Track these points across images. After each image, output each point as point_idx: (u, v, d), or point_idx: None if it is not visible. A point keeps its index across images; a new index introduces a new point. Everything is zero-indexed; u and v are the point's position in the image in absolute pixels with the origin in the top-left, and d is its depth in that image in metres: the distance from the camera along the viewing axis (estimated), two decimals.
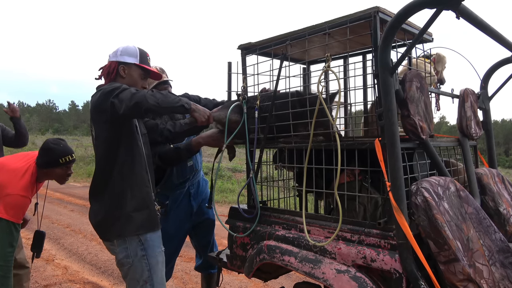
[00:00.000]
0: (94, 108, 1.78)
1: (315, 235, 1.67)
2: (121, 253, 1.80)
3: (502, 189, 2.04)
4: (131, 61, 1.90)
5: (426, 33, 1.83)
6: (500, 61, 2.13)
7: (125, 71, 1.90)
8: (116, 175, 1.79)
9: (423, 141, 1.60)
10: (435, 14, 1.24)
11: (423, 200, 1.40)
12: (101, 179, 1.83)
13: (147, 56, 1.97)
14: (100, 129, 1.79)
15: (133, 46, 1.95)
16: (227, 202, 7.44)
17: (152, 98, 1.67)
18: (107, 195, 1.80)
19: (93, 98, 1.81)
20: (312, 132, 1.66)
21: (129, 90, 1.69)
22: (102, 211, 1.82)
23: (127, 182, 1.80)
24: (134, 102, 1.65)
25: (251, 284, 3.51)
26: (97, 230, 1.87)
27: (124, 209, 1.79)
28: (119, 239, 1.79)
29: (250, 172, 1.93)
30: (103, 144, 1.80)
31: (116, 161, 1.79)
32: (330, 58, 1.61)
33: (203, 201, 2.57)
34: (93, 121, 1.82)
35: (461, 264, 1.33)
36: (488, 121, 2.24)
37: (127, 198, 1.80)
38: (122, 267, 1.83)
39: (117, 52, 1.91)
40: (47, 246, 4.74)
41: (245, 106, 1.95)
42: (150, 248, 1.82)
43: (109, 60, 1.92)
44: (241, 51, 2.04)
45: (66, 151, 2.32)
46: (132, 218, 1.79)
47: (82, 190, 9.36)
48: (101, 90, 1.76)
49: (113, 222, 1.79)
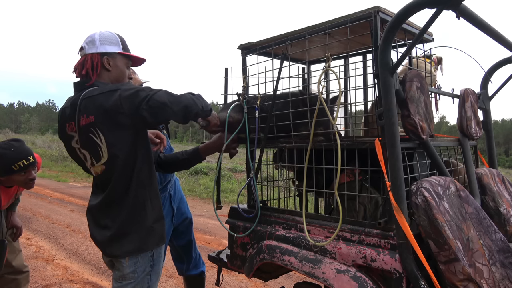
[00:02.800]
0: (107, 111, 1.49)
1: (315, 235, 1.67)
2: (128, 268, 1.58)
3: (502, 189, 2.04)
4: (115, 50, 1.65)
5: (427, 33, 1.83)
6: (500, 61, 2.13)
7: (110, 63, 1.64)
8: (136, 185, 1.58)
9: (423, 141, 1.60)
10: (436, 14, 1.24)
11: (423, 200, 1.40)
12: (119, 189, 1.57)
13: (125, 41, 1.73)
14: (115, 134, 1.52)
15: (108, 31, 1.68)
16: (227, 202, 7.44)
17: (198, 100, 1.53)
18: (125, 206, 1.57)
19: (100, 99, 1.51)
20: (312, 132, 1.66)
21: (162, 92, 1.50)
22: (115, 224, 1.58)
23: (148, 191, 1.61)
24: (183, 105, 1.49)
25: (251, 284, 3.51)
26: (106, 247, 1.60)
27: (146, 221, 1.59)
28: (137, 254, 1.58)
29: (251, 172, 1.93)
30: (122, 150, 1.53)
31: (135, 168, 1.57)
32: (331, 58, 1.61)
33: (180, 201, 2.49)
34: (103, 125, 1.51)
35: (461, 264, 1.33)
36: (488, 121, 2.24)
37: (148, 209, 1.60)
38: (122, 281, 1.60)
39: (95, 42, 1.63)
40: (47, 246, 4.74)
41: (245, 106, 1.96)
42: (157, 263, 1.66)
43: (88, 53, 1.62)
44: (241, 51, 2.04)
45: (19, 155, 2.03)
46: (154, 231, 1.62)
47: (82, 190, 9.36)
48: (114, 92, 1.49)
49: (130, 237, 1.57)
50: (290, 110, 1.80)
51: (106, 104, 1.48)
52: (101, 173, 1.58)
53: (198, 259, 2.62)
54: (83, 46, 1.65)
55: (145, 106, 1.45)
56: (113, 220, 1.58)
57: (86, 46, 1.64)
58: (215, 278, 2.75)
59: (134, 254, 1.58)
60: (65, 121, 1.61)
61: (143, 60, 1.79)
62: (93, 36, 1.65)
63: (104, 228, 1.61)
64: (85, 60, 1.62)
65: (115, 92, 1.49)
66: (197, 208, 7.14)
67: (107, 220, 1.60)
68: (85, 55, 1.63)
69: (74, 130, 1.57)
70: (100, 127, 1.51)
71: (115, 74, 1.67)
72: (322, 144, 1.68)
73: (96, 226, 1.64)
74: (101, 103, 1.49)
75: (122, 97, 1.47)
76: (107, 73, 1.65)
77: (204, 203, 7.81)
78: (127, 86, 1.53)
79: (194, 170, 11.18)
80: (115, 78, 1.68)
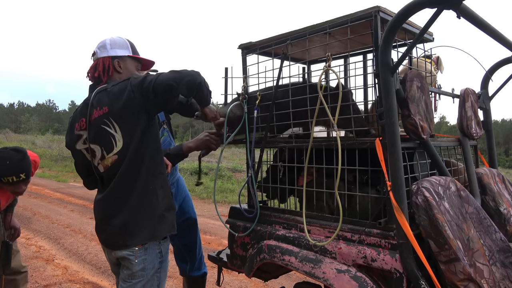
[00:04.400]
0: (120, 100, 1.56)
1: (315, 234, 1.67)
2: (138, 265, 1.58)
3: (503, 189, 2.04)
4: (125, 54, 1.76)
5: (427, 33, 1.83)
6: (501, 61, 2.13)
7: (121, 65, 1.75)
8: (147, 172, 1.61)
9: (423, 141, 1.60)
10: (436, 14, 1.24)
11: (423, 199, 1.40)
12: (129, 178, 1.60)
13: (135, 46, 1.83)
14: (128, 122, 1.57)
15: (118, 37, 1.79)
16: (227, 202, 7.44)
17: (198, 75, 1.58)
18: (137, 194, 1.59)
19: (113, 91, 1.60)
20: (312, 132, 1.66)
21: (167, 72, 1.56)
22: (124, 213, 1.59)
23: (159, 179, 1.65)
24: (186, 80, 1.53)
25: (251, 284, 3.51)
26: (116, 238, 1.61)
27: (157, 209, 1.62)
28: (146, 243, 1.59)
29: (250, 172, 1.93)
30: (135, 138, 1.57)
31: (146, 157, 1.61)
32: (331, 57, 1.61)
33: (184, 200, 2.49)
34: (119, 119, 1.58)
35: (461, 264, 1.33)
36: (489, 121, 2.24)
37: (160, 197, 1.63)
38: (132, 280, 1.59)
39: (106, 47, 1.74)
40: (47, 246, 4.74)
41: (245, 106, 1.96)
42: (165, 259, 1.68)
43: (99, 57, 1.74)
44: (241, 50, 2.04)
45: (11, 171, 2.03)
46: (165, 218, 1.64)
47: (82, 190, 9.35)
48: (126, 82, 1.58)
49: (142, 224, 1.59)
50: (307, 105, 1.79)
51: (119, 94, 1.58)
52: (111, 165, 1.61)
53: (201, 261, 2.59)
54: (95, 51, 1.76)
55: (152, 88, 1.52)
56: (124, 209, 1.60)
57: (98, 51, 1.75)
58: (215, 278, 2.75)
59: (147, 241, 1.60)
60: (75, 121, 1.69)
61: (152, 63, 1.90)
62: (104, 42, 1.75)
63: (114, 218, 1.61)
64: (97, 63, 1.73)
65: (126, 82, 1.59)
66: (197, 208, 7.08)
67: (117, 209, 1.61)
68: (97, 59, 1.74)
69: (84, 127, 1.64)
70: (114, 117, 1.58)
71: (125, 76, 1.74)
72: (322, 144, 1.68)
73: (105, 218, 1.65)
74: (114, 93, 1.59)
75: (133, 85, 1.56)
76: (118, 75, 1.75)
77: (204, 203, 7.81)
78: (136, 75, 1.63)
79: (194, 170, 11.19)
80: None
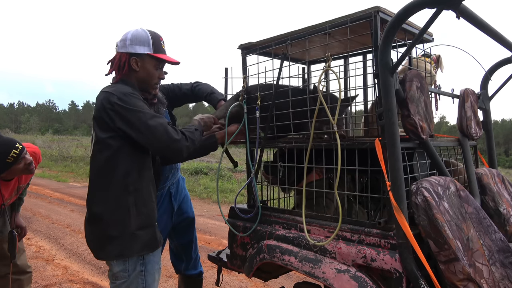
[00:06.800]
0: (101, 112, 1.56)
1: (315, 234, 1.67)
2: (118, 266, 1.58)
3: (502, 189, 2.04)
4: (144, 51, 1.65)
5: (426, 33, 1.83)
6: (500, 61, 2.13)
7: (138, 64, 1.66)
8: (119, 186, 1.55)
9: (423, 141, 1.60)
10: (435, 14, 1.24)
11: (423, 199, 1.40)
12: (101, 189, 1.58)
13: (160, 41, 1.71)
14: (100, 135, 1.57)
15: (143, 30, 1.68)
16: (227, 202, 7.44)
17: (192, 137, 1.65)
18: (107, 210, 1.56)
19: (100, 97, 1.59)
20: (312, 132, 1.66)
21: (166, 129, 1.55)
22: (98, 228, 1.58)
23: (133, 196, 1.58)
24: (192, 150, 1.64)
25: (251, 284, 3.51)
26: (92, 248, 1.64)
27: (127, 228, 1.56)
28: (118, 259, 1.58)
29: (251, 172, 1.94)
30: (105, 149, 1.56)
31: (118, 169, 1.55)
32: (331, 58, 1.61)
33: (183, 200, 2.49)
34: (96, 123, 1.60)
35: (461, 264, 1.34)
36: (488, 121, 2.24)
37: (132, 215, 1.57)
38: (115, 281, 1.60)
39: (126, 41, 1.65)
40: (47, 246, 4.75)
41: (245, 106, 1.96)
42: (150, 264, 1.64)
43: (118, 51, 1.68)
44: (241, 51, 2.04)
45: (7, 148, 2.03)
46: (136, 237, 1.57)
47: (82, 190, 9.36)
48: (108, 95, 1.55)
49: (111, 241, 1.55)
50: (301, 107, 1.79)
51: (100, 103, 1.56)
52: (90, 164, 1.65)
53: (197, 260, 2.61)
54: (117, 43, 1.70)
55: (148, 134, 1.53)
56: (96, 222, 1.60)
57: (118, 44, 1.69)
58: (215, 278, 2.75)
59: (114, 259, 1.58)
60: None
61: (176, 63, 1.77)
62: (126, 35, 1.68)
63: (88, 230, 1.65)
64: (115, 58, 1.69)
65: (110, 96, 1.54)
66: (197, 208, 7.13)
67: (91, 220, 1.63)
68: (116, 53, 1.69)
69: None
70: (94, 122, 1.60)
71: (142, 75, 1.69)
72: (322, 144, 1.68)
73: (86, 225, 1.67)
74: (100, 100, 1.57)
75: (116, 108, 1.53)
76: (134, 73, 1.69)
77: (204, 203, 7.81)
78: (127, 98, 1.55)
79: (194, 170, 11.20)
80: (142, 79, 1.71)
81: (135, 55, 1.66)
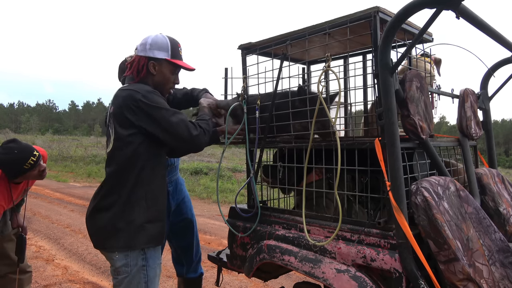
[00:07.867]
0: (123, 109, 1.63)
1: (315, 234, 1.67)
2: (119, 261, 1.64)
3: (502, 189, 2.05)
4: (162, 57, 1.74)
5: (426, 33, 1.83)
6: (500, 61, 2.13)
7: (156, 68, 1.75)
8: (135, 180, 1.64)
9: (423, 141, 1.60)
10: (435, 14, 1.24)
11: (423, 199, 1.40)
12: (116, 183, 1.65)
13: (178, 47, 1.80)
14: (120, 131, 1.64)
15: (162, 36, 1.77)
16: (227, 202, 7.44)
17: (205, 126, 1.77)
18: (119, 201, 1.63)
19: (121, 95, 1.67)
20: (312, 132, 1.66)
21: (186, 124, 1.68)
22: (106, 217, 1.64)
23: (145, 190, 1.66)
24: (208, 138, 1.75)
25: (251, 284, 3.51)
26: (95, 238, 1.70)
27: (136, 220, 1.63)
28: (123, 251, 1.63)
29: (251, 172, 1.94)
30: (126, 146, 1.63)
31: (136, 165, 1.64)
32: (330, 58, 1.61)
33: (182, 201, 2.48)
34: (116, 120, 1.66)
35: (461, 264, 1.34)
36: (488, 121, 2.24)
37: (142, 208, 1.64)
38: (117, 276, 1.65)
39: (146, 46, 1.74)
40: (47, 246, 4.75)
41: (245, 106, 1.96)
42: (152, 259, 1.69)
43: (138, 54, 1.76)
44: (241, 51, 2.04)
45: (25, 155, 2.11)
46: (144, 230, 1.64)
47: (82, 190, 9.36)
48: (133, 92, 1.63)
49: (117, 232, 1.62)
50: (289, 109, 1.80)
51: (123, 100, 1.64)
52: (106, 161, 1.73)
53: (198, 263, 2.59)
54: (137, 47, 1.79)
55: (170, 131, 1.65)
56: (105, 212, 1.66)
57: (138, 48, 1.78)
58: (215, 278, 2.75)
59: (121, 250, 1.63)
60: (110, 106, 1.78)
61: (192, 69, 1.87)
62: (146, 40, 1.76)
63: (95, 218, 1.69)
64: (134, 60, 1.77)
65: (136, 94, 1.62)
66: (197, 208, 7.14)
67: (99, 210, 1.68)
68: (136, 56, 1.78)
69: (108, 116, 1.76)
70: (114, 119, 1.67)
71: (158, 78, 1.78)
72: (322, 144, 1.68)
73: (91, 214, 1.72)
74: (123, 97, 1.65)
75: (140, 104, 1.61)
76: (151, 77, 1.78)
77: (204, 203, 7.82)
78: (151, 95, 1.64)
79: (194, 170, 11.20)
80: (158, 83, 1.78)
81: (154, 59, 1.75)
